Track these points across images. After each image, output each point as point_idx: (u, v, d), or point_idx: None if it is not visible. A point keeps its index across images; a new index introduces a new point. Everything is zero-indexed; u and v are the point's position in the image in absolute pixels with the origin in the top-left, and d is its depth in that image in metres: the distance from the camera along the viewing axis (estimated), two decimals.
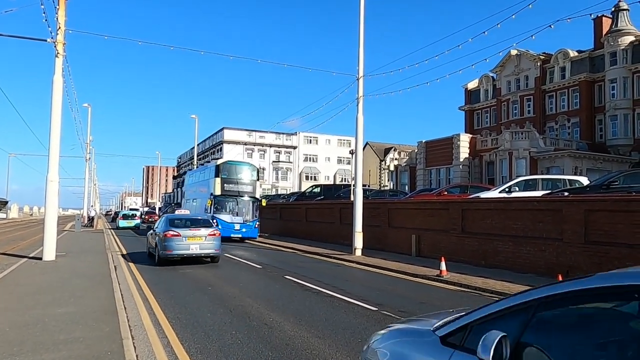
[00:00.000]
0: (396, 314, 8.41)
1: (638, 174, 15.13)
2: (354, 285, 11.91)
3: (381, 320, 7.94)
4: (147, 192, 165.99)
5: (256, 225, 27.37)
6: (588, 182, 17.41)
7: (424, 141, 43.58)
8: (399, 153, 50.70)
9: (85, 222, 46.44)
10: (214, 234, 15.80)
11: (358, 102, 19.86)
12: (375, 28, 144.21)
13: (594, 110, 42.67)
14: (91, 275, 12.24)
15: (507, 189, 17.42)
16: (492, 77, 52.07)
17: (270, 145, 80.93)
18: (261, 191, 31.29)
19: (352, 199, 22.18)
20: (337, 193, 31.71)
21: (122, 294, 9.77)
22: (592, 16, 15.26)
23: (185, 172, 61.24)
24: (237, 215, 26.81)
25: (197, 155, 63.20)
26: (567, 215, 12.67)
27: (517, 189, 17.29)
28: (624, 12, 40.19)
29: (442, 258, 13.33)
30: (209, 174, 28.62)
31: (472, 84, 55.00)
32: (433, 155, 42.20)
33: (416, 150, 45.10)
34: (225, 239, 22.89)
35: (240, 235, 26.28)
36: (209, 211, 26.20)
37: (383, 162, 58.59)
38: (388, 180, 53.01)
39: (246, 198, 27.47)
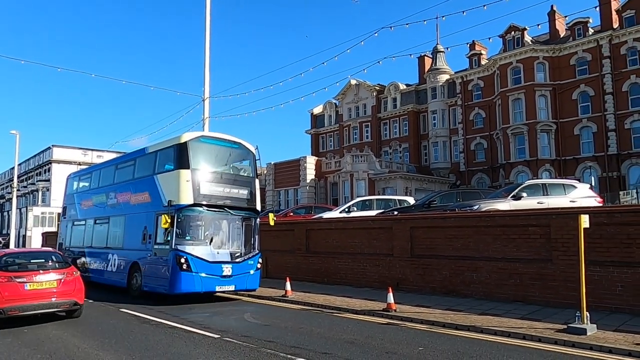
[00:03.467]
0: (239, 339, 8.30)
1: (452, 194, 17.52)
2: (193, 313, 11.43)
3: (222, 346, 7.75)
4: None
5: (258, 265, 13.98)
6: (414, 201, 19.54)
7: (272, 163, 44.54)
8: None
9: None
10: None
11: (204, 123, 19.56)
12: (224, 50, 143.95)
13: (420, 137, 48.43)
14: None
15: (346, 209, 18.64)
16: (335, 103, 55.79)
17: None
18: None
19: None
20: None
21: None
22: (412, 56, 17.47)
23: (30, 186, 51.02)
24: (222, 245, 13.61)
25: (19, 177, 55.38)
26: (396, 232, 14.02)
27: (355, 208, 18.62)
28: (441, 53, 46.73)
29: (288, 278, 13.62)
30: (159, 162, 14.28)
31: (318, 110, 58.18)
32: (282, 176, 43.33)
33: (265, 172, 45.84)
34: (196, 299, 13.10)
35: (233, 287, 13.17)
36: (158, 239, 13.26)
37: None
38: None
39: (239, 212, 13.90)
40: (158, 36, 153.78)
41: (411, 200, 19.93)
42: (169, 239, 12.68)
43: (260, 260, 14.09)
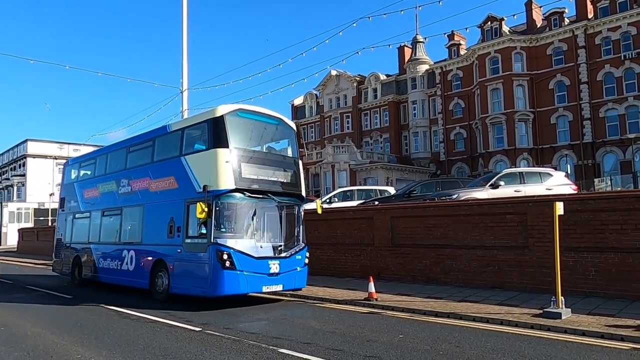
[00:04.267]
0: (221, 332, 8.30)
1: (432, 183, 17.70)
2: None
3: (204, 339, 7.74)
4: None
5: (306, 261, 12.04)
6: (395, 191, 19.69)
7: None
8: None
9: None
10: None
11: (183, 115, 19.35)
12: (203, 39, 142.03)
13: (401, 128, 48.75)
14: None
15: (328, 200, 18.69)
16: (316, 94, 55.70)
17: None
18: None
19: None
20: None
21: None
22: (391, 46, 17.55)
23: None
24: (265, 238, 11.65)
25: None
26: (377, 222, 14.14)
27: (336, 199, 18.69)
28: (421, 43, 46.93)
29: None
30: (187, 141, 12.28)
31: (298, 101, 58.00)
32: None
33: None
34: (237, 301, 11.12)
35: (280, 286, 11.27)
36: (190, 232, 11.19)
37: None
38: None
39: (284, 199, 11.94)
40: (135, 26, 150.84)
41: (392, 190, 20.08)
42: (204, 231, 10.63)
43: (307, 255, 12.13)
